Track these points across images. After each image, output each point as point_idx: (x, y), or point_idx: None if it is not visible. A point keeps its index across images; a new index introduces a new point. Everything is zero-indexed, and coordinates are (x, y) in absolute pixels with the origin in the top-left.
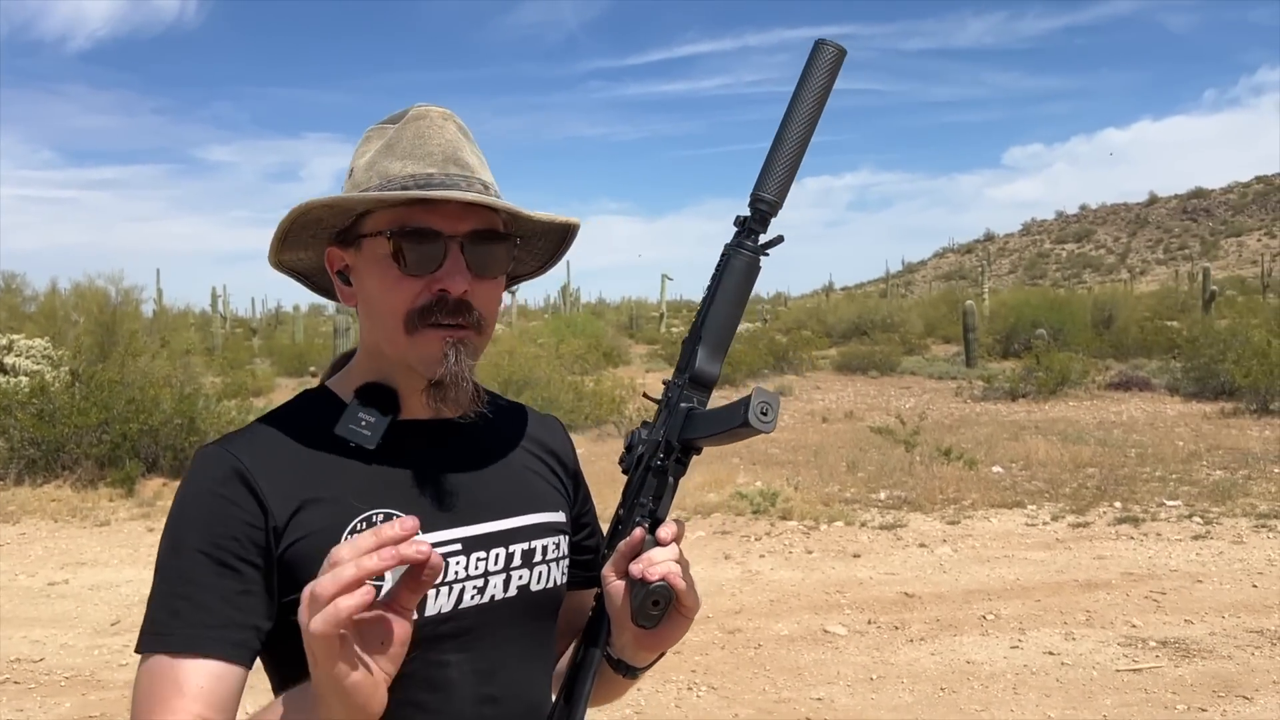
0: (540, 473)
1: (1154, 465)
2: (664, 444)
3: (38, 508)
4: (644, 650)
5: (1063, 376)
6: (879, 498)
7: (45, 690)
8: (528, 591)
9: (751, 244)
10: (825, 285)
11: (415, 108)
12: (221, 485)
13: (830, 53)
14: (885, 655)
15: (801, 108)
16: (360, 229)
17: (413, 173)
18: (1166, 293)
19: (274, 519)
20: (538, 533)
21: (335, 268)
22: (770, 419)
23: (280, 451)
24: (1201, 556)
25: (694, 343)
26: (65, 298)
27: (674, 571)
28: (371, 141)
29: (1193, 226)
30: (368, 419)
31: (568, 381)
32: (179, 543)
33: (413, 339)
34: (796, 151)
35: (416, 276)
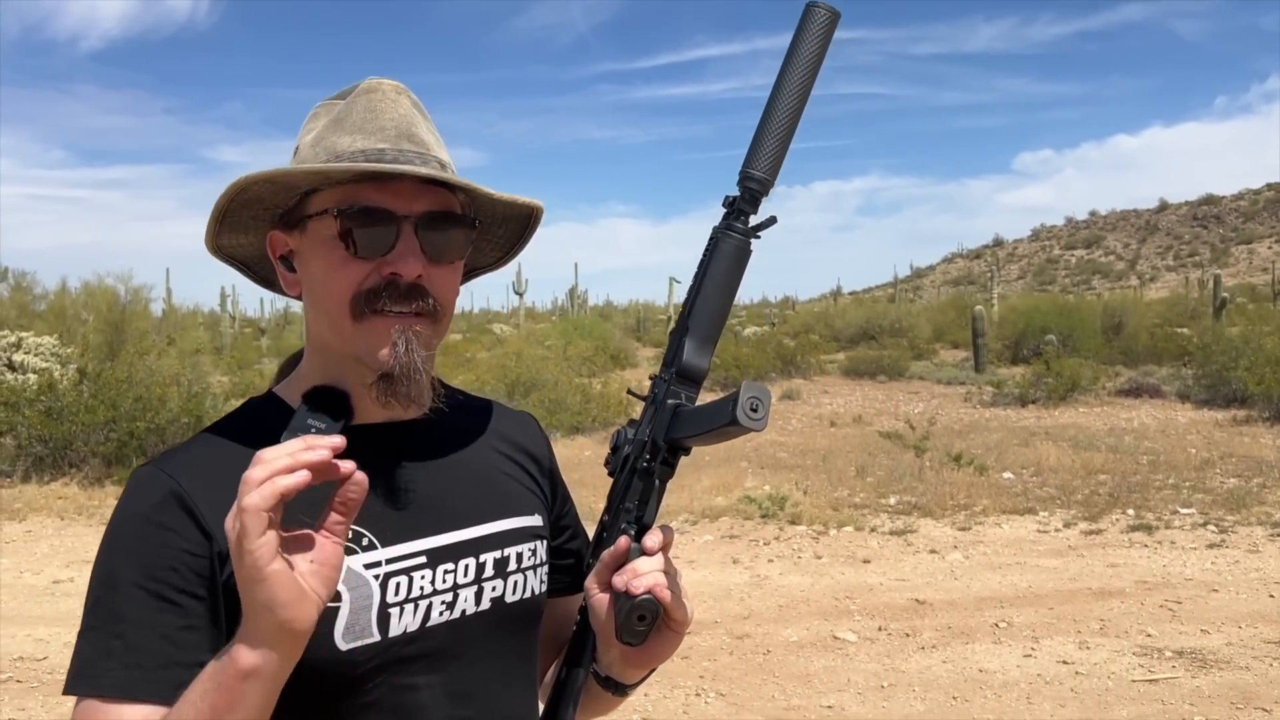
0: (512, 474)
1: (1166, 473)
2: (649, 444)
3: (44, 505)
4: (632, 667)
5: (1073, 383)
6: (889, 503)
7: (48, 689)
8: (502, 603)
9: (741, 226)
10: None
11: (367, 81)
12: (157, 511)
13: (823, 15)
14: (896, 663)
15: (793, 76)
16: (305, 209)
17: (363, 148)
18: (1176, 299)
19: (218, 543)
20: (511, 539)
21: (278, 252)
22: (760, 416)
23: (222, 468)
24: (1217, 565)
25: (680, 334)
26: (75, 296)
27: (660, 583)
28: (319, 118)
29: (1203, 233)
30: (317, 425)
31: (575, 383)
32: (111, 575)
33: (359, 326)
34: (788, 124)
35: (365, 259)
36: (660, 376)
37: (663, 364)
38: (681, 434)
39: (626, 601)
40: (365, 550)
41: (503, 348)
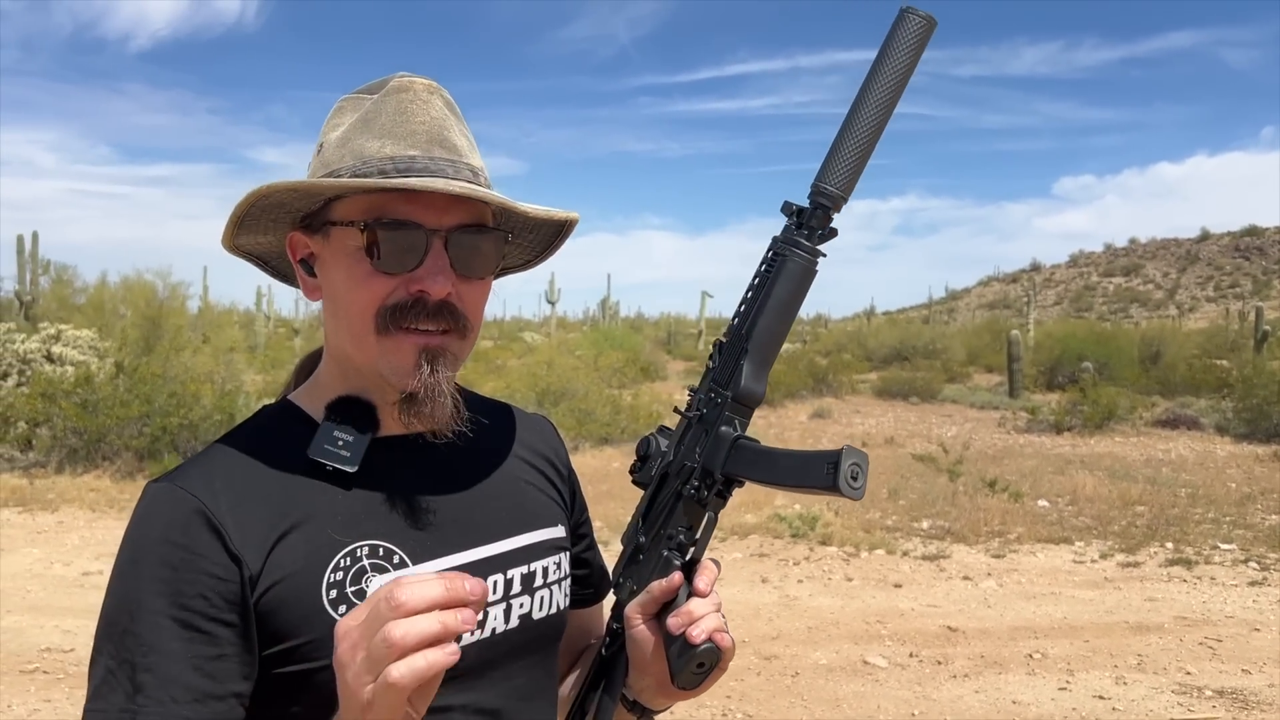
0: (535, 483)
1: (1206, 506)
2: (701, 471)
3: (76, 497)
4: (668, 698)
5: (1109, 412)
6: (921, 527)
7: (74, 681)
8: (530, 620)
9: (808, 244)
10: (867, 309)
11: (397, 77)
12: (181, 533)
13: (918, 23)
14: (927, 691)
15: (880, 86)
16: (329, 215)
17: (392, 154)
18: (1216, 331)
19: (247, 567)
20: (537, 553)
21: (298, 255)
22: (860, 485)
23: (245, 483)
24: (1259, 604)
25: (738, 355)
26: (114, 291)
27: (719, 628)
28: (345, 113)
29: (1245, 265)
30: (344, 438)
31: (605, 394)
32: (135, 604)
33: (383, 342)
34: (870, 137)
35: (391, 274)
36: (708, 395)
37: (710, 381)
38: (753, 475)
39: (687, 649)
40: (397, 568)
41: (534, 356)
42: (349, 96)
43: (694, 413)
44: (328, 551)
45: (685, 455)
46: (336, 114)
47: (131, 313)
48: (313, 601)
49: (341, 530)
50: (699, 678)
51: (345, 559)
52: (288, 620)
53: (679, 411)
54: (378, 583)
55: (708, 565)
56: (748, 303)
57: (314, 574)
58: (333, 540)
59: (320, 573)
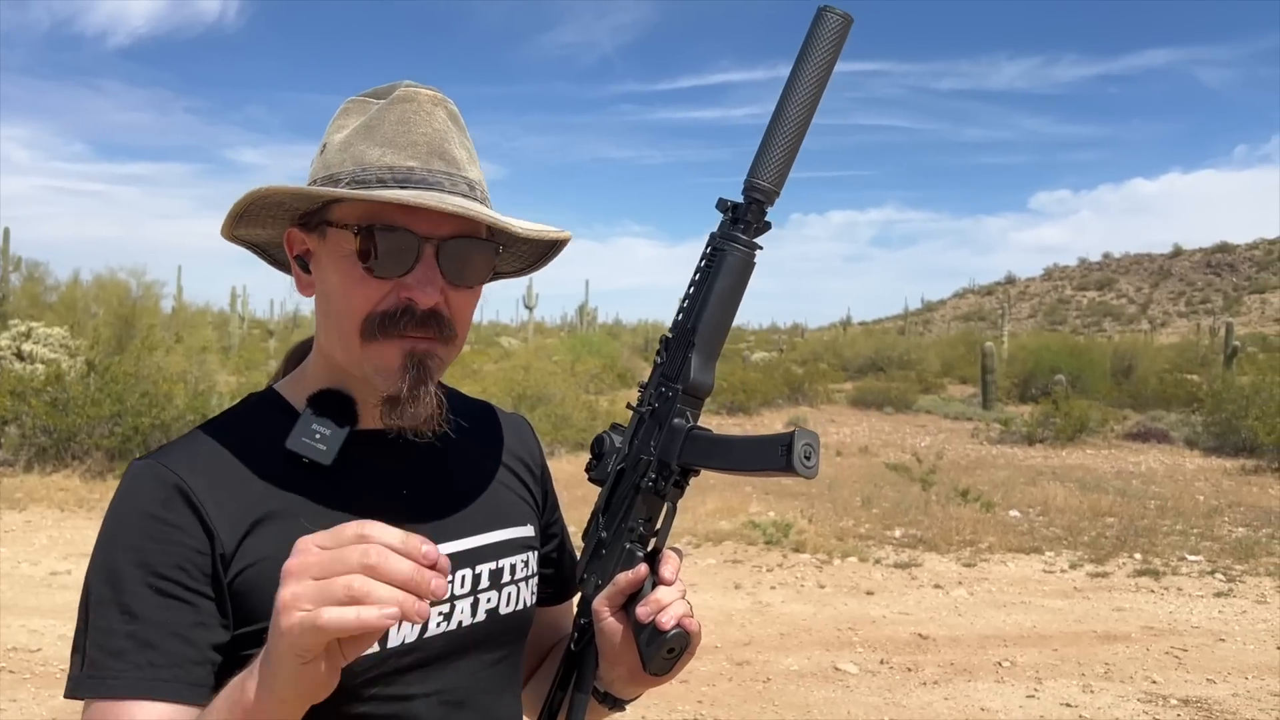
0: (508, 483)
1: (1174, 519)
2: (657, 463)
3: (45, 496)
4: (639, 686)
5: (1081, 424)
6: (894, 535)
7: (40, 681)
8: (497, 615)
9: (745, 237)
10: (843, 319)
11: (404, 86)
12: (162, 507)
13: (835, 21)
14: (897, 697)
15: (802, 84)
16: (327, 215)
17: (391, 164)
18: (1187, 345)
19: (221, 544)
20: (506, 550)
21: (295, 251)
22: (814, 464)
23: (225, 467)
24: (1224, 614)
25: (685, 349)
26: (86, 289)
27: (686, 613)
28: (350, 115)
29: (1216, 281)
30: (322, 431)
31: (582, 400)
32: (117, 573)
33: (368, 348)
34: (796, 134)
35: (383, 279)
36: (657, 389)
37: (662, 377)
38: (710, 464)
39: (657, 636)
40: None
41: (510, 361)
42: (355, 99)
43: (645, 408)
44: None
45: (640, 449)
46: (342, 115)
47: (104, 311)
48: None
49: (314, 520)
50: (669, 663)
51: None
52: (260, 603)
53: (631, 408)
54: None
55: (670, 554)
56: (690, 298)
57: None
58: (305, 530)
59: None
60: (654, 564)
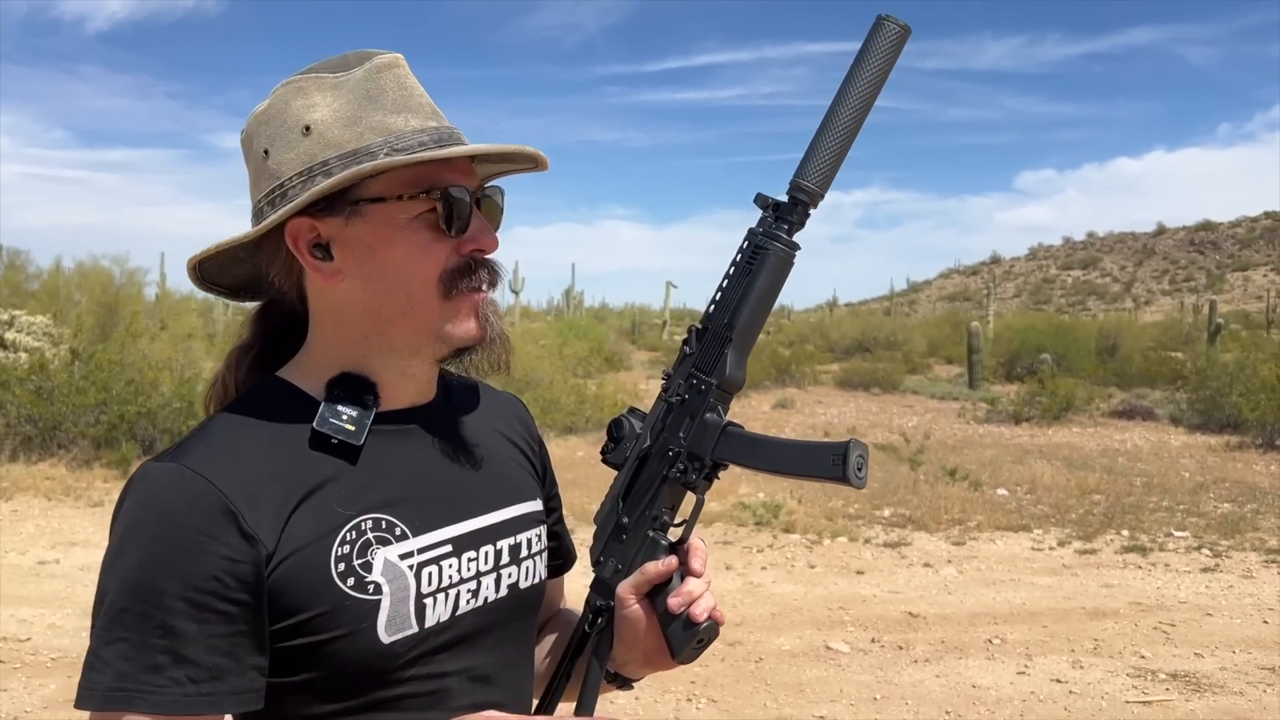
0: (515, 459)
1: (1160, 495)
2: (688, 455)
3: (31, 485)
4: (650, 669)
5: (1067, 402)
6: (883, 515)
7: (31, 670)
8: (517, 590)
9: (788, 237)
10: (830, 300)
11: (378, 55)
12: (190, 514)
13: (894, 30)
14: (889, 675)
15: (857, 90)
16: (360, 193)
17: (419, 127)
18: (1171, 324)
19: (263, 547)
20: (521, 525)
21: (306, 241)
22: (864, 475)
23: (250, 461)
24: (1211, 589)
25: (722, 343)
26: (69, 277)
27: (715, 605)
28: (313, 94)
29: (1199, 259)
30: (349, 413)
31: (570, 384)
32: (146, 587)
33: (448, 304)
34: (847, 138)
35: (451, 239)
36: (688, 380)
37: (691, 367)
38: (748, 462)
39: (690, 627)
40: (399, 540)
41: None
42: (309, 76)
43: (675, 397)
44: (334, 525)
45: (668, 439)
46: (300, 95)
47: (87, 299)
48: (322, 574)
49: (345, 504)
50: (698, 652)
51: (351, 532)
52: (299, 594)
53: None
54: (381, 555)
55: (699, 546)
56: (725, 292)
57: (323, 548)
58: (338, 514)
59: (329, 546)
60: (681, 554)
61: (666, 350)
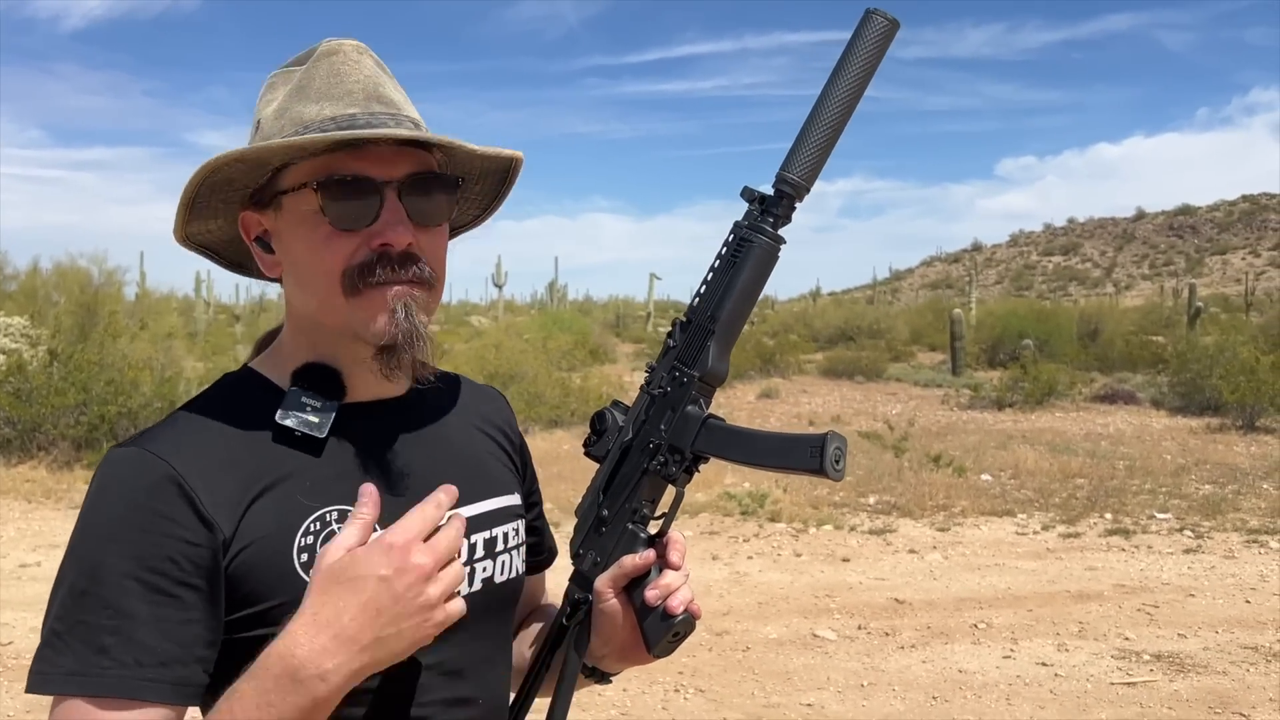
0: (492, 452)
1: (1143, 478)
2: (669, 448)
3: (11, 488)
4: (629, 663)
5: (1049, 388)
6: (868, 502)
7: (13, 674)
8: (492, 584)
9: (773, 230)
10: (813, 290)
11: (325, 43)
12: (149, 496)
13: (882, 24)
14: (876, 661)
15: (844, 83)
16: (278, 185)
17: (332, 114)
18: (1151, 308)
19: (220, 531)
20: (497, 519)
21: (252, 234)
22: (842, 467)
23: (213, 448)
24: (1193, 570)
25: (704, 336)
26: (46, 277)
27: (692, 598)
28: (277, 87)
29: (1178, 243)
30: (313, 404)
31: (555, 377)
32: (100, 566)
33: (353, 301)
34: (833, 132)
35: (351, 231)
36: (670, 373)
37: (677, 360)
38: (728, 455)
39: (665, 620)
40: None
41: (481, 339)
42: (278, 71)
43: (657, 389)
44: (298, 516)
45: (650, 432)
46: (269, 90)
47: (65, 300)
48: (284, 565)
49: (310, 495)
50: (674, 646)
51: (315, 523)
52: (259, 583)
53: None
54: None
55: (677, 539)
56: (710, 284)
57: (285, 538)
58: (302, 505)
59: (291, 537)
60: (660, 548)
61: (651, 342)
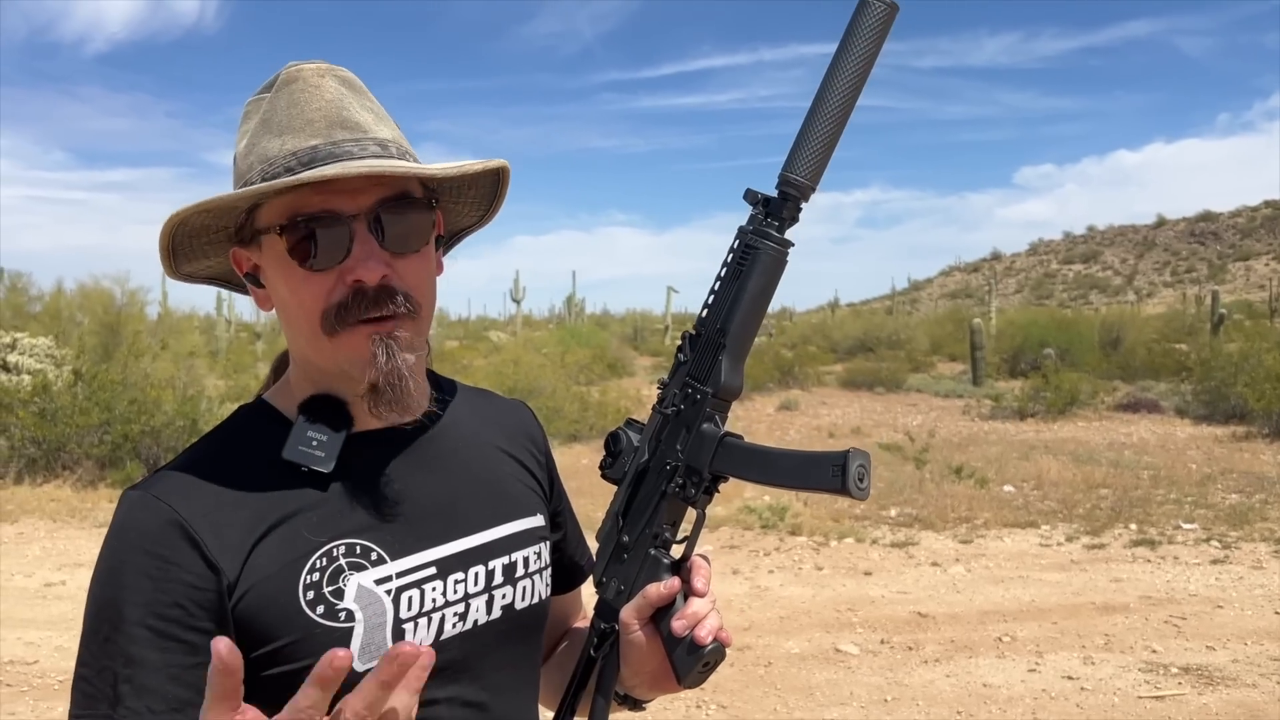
0: (514, 473)
1: (1168, 488)
2: (685, 469)
3: (36, 507)
4: (658, 692)
5: (1071, 397)
6: (890, 515)
7: (39, 693)
8: (513, 611)
9: (779, 234)
10: (831, 301)
11: (286, 69)
12: (156, 543)
13: (880, 9)
14: (899, 676)
15: (843, 74)
16: (255, 224)
17: (294, 149)
18: (1174, 315)
19: (225, 575)
20: (517, 543)
21: (244, 269)
22: (866, 485)
23: (220, 489)
24: (1221, 581)
25: (715, 350)
26: (70, 298)
27: (720, 625)
28: (250, 118)
29: (1200, 250)
30: (318, 438)
31: (573, 391)
32: (114, 614)
33: (335, 341)
34: (836, 126)
35: (324, 270)
36: (683, 390)
37: (686, 376)
38: (747, 475)
39: (695, 650)
40: (375, 565)
41: (500, 355)
42: (252, 98)
43: (670, 408)
44: (303, 552)
45: (666, 452)
46: (244, 120)
47: (89, 320)
48: (290, 603)
49: (315, 530)
50: (705, 675)
51: (321, 559)
52: (268, 623)
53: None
54: (355, 581)
55: (700, 564)
56: (718, 295)
57: (290, 576)
58: (307, 541)
59: (296, 575)
60: (684, 574)
61: (669, 355)
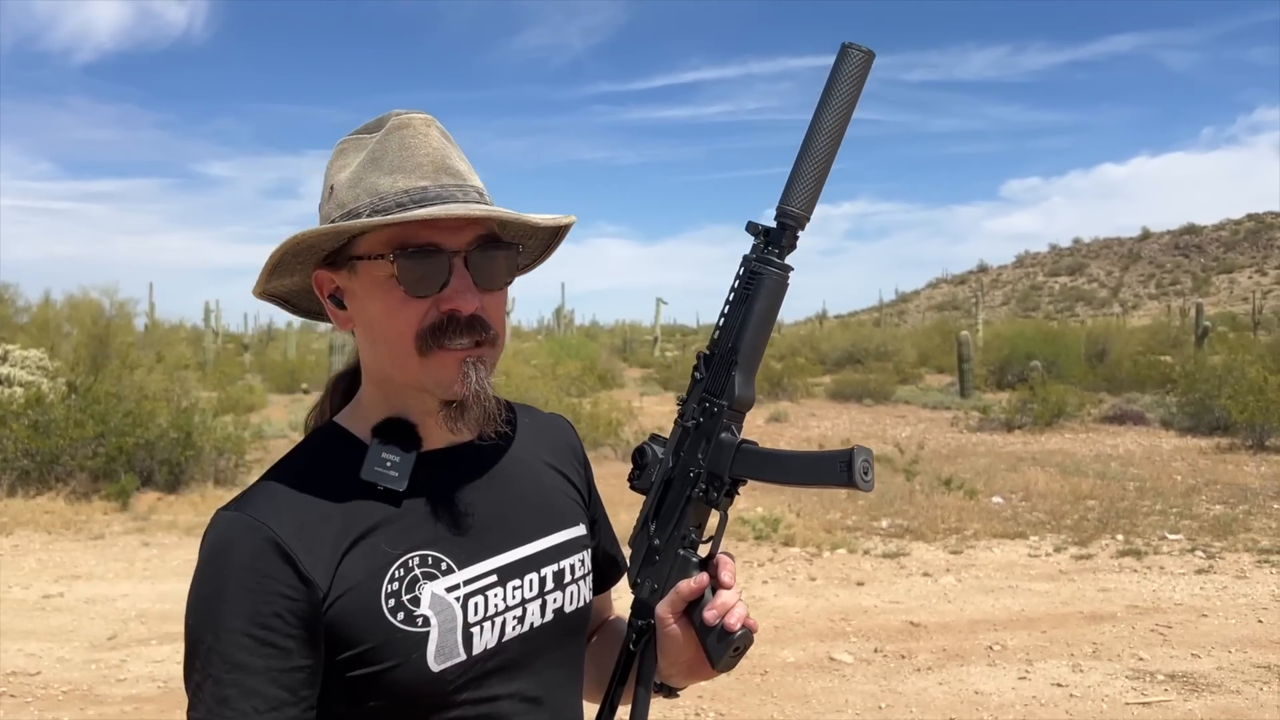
0: (560, 486)
1: (1153, 499)
2: (708, 475)
3: (30, 519)
4: (695, 678)
5: (1058, 409)
6: (881, 526)
7: (42, 704)
8: (563, 614)
9: (780, 260)
10: (819, 313)
11: (395, 115)
12: (255, 559)
13: (858, 56)
14: (893, 684)
15: (829, 115)
16: (353, 250)
17: (405, 187)
18: (1159, 328)
19: (317, 589)
20: (565, 551)
21: (326, 291)
22: (870, 478)
23: (306, 507)
24: (1205, 590)
25: (728, 367)
26: (58, 309)
27: (747, 614)
28: (349, 154)
29: (1185, 262)
30: (391, 459)
31: (565, 403)
32: (217, 625)
33: (426, 361)
34: (824, 163)
35: (423, 297)
36: (700, 404)
37: (705, 392)
38: (763, 476)
39: (726, 637)
40: (445, 574)
41: None
42: (349, 138)
43: (690, 421)
44: (383, 564)
45: (688, 461)
46: (339, 156)
47: (78, 331)
48: (374, 610)
49: (393, 543)
50: (736, 659)
51: (399, 569)
52: (353, 629)
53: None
54: (429, 590)
55: (726, 560)
56: (728, 317)
57: (373, 586)
58: (387, 553)
59: (379, 584)
60: (710, 569)
61: (658, 367)
